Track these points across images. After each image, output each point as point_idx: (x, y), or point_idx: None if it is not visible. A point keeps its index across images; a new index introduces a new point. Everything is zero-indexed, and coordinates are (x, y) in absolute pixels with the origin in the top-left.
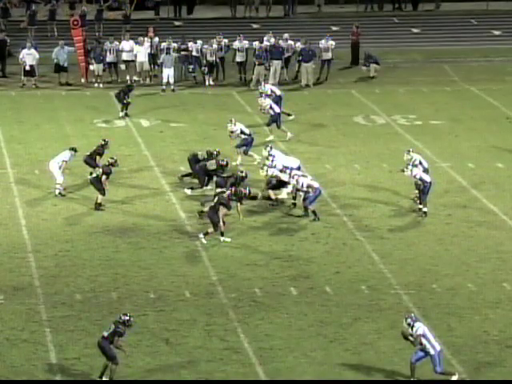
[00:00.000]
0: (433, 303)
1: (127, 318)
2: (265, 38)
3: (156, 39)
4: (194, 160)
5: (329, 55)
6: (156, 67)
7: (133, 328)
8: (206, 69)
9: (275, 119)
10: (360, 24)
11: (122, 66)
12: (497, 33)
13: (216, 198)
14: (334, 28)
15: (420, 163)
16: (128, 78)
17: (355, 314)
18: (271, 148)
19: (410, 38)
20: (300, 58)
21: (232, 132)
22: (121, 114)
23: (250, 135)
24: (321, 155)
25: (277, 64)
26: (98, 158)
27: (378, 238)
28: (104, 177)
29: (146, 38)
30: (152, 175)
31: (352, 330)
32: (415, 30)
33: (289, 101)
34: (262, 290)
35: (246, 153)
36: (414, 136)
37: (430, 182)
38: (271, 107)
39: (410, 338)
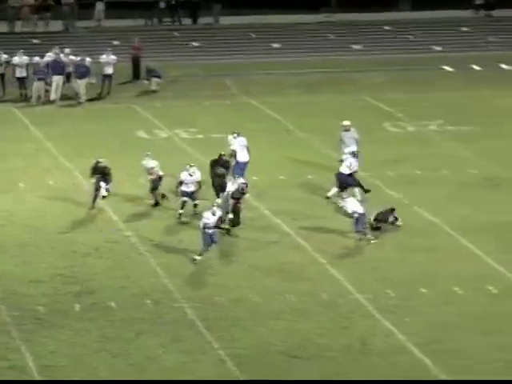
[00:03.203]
0: (217, 315)
1: None
2: (48, 54)
3: None
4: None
5: (110, 70)
6: None
7: None
8: None
9: None
10: (140, 38)
11: None
12: (276, 46)
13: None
14: (115, 42)
15: None
16: None
17: (139, 329)
18: None
19: (191, 51)
20: (73, 73)
21: None
22: None
23: None
24: None
25: (58, 79)
26: None
27: (162, 251)
28: None
29: None
30: None
31: (136, 344)
32: (195, 44)
33: (68, 116)
34: (45, 306)
35: None
36: (195, 149)
37: None
38: None
39: None
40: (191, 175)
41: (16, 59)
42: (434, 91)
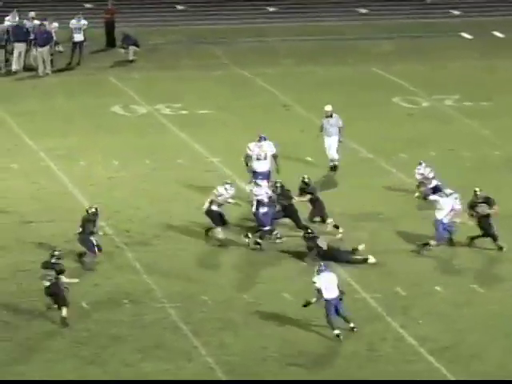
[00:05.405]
0: (204, 317)
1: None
2: (8, 18)
3: None
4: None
5: (81, 37)
6: None
7: None
8: None
9: None
10: (116, 0)
11: None
12: (272, 9)
13: None
14: (87, 5)
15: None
16: None
17: (116, 332)
18: None
19: (174, 15)
20: (33, 40)
21: None
22: None
23: None
24: (74, 151)
25: (21, 47)
26: None
27: (141, 244)
28: None
29: None
30: None
31: (112, 350)
32: (180, 7)
33: (33, 89)
34: (7, 307)
35: None
36: (179, 127)
37: None
38: None
39: None
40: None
41: None
42: (451, 61)
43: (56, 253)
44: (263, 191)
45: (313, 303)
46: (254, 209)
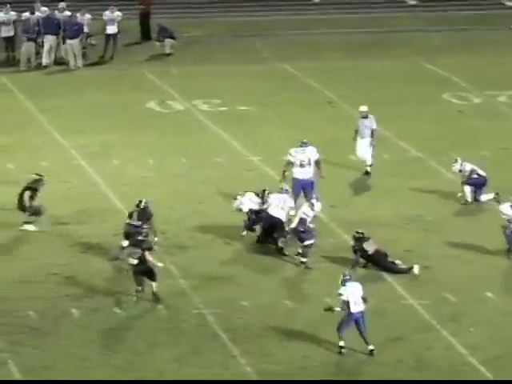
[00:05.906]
0: (243, 324)
1: None
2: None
3: None
4: None
5: (114, 28)
6: None
7: None
8: None
9: None
10: None
11: None
12: (316, 0)
13: None
14: None
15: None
16: None
17: (151, 340)
18: None
19: (212, 6)
20: (63, 33)
21: None
22: None
23: None
24: (107, 148)
25: (51, 40)
26: None
27: (177, 247)
28: None
29: None
30: None
31: (147, 358)
32: None
33: (64, 84)
34: (37, 312)
35: None
36: (218, 124)
37: None
38: None
39: None
40: None
41: (1, 15)
42: (504, 55)
43: (144, 229)
44: (313, 214)
45: (335, 312)
46: (294, 225)
